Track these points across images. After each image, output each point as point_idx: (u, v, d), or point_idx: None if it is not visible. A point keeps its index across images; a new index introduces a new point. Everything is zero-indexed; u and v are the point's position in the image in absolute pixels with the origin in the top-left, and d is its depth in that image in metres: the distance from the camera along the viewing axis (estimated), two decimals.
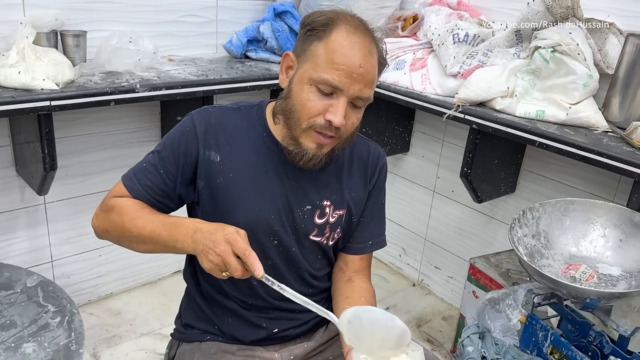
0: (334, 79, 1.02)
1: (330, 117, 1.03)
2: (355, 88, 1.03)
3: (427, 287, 2.63)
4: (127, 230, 1.07)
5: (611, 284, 1.40)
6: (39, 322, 1.45)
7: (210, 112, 1.15)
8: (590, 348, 1.40)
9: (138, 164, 1.16)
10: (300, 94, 1.05)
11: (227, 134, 1.14)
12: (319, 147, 1.08)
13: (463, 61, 1.88)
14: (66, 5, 1.86)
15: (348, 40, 1.03)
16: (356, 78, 1.03)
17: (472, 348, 1.46)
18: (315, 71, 1.03)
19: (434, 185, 2.47)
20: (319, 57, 1.04)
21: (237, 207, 1.12)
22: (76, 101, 1.59)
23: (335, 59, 1.02)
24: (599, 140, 1.56)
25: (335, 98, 1.04)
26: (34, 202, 2.02)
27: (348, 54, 1.02)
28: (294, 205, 1.16)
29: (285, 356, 1.23)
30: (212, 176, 1.12)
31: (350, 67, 1.02)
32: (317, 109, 1.04)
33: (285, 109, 1.08)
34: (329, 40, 1.03)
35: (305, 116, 1.05)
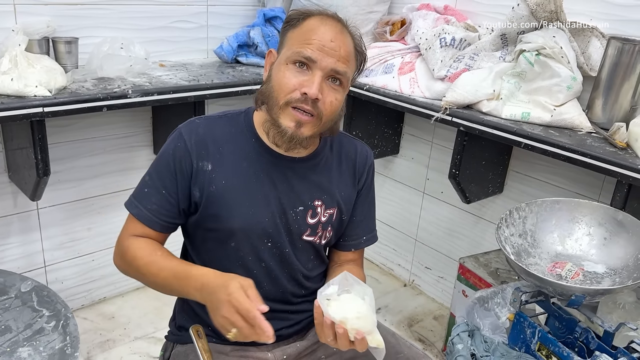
0: (307, 51, 1.07)
1: (305, 89, 1.07)
2: (328, 61, 1.08)
3: (418, 287, 2.66)
4: (144, 276, 1.13)
5: (596, 281, 1.44)
6: (34, 326, 1.47)
7: (198, 124, 1.17)
8: (577, 344, 1.43)
9: (138, 189, 1.17)
10: (277, 75, 1.11)
11: (216, 143, 1.16)
12: (297, 126, 1.10)
13: (450, 65, 1.91)
14: (58, 12, 1.88)
15: (320, 22, 1.11)
16: (328, 52, 1.08)
17: (462, 346, 1.49)
18: (289, 50, 1.10)
19: (423, 187, 2.51)
20: (293, 39, 1.11)
21: (231, 214, 1.14)
22: (69, 107, 1.60)
23: (307, 36, 1.09)
24: (582, 141, 1.60)
25: (310, 73, 1.09)
26: (27, 208, 2.03)
27: (319, 31, 1.09)
28: (286, 207, 1.19)
29: (278, 356, 1.24)
30: (205, 185, 1.14)
31: (322, 41, 1.08)
32: (293, 84, 1.08)
33: (265, 91, 1.13)
34: (302, 25, 1.11)
35: (282, 93, 1.09)
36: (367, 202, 1.33)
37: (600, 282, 1.43)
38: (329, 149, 1.26)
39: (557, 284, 1.33)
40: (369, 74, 2.13)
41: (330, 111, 1.12)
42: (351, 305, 1.00)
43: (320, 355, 1.28)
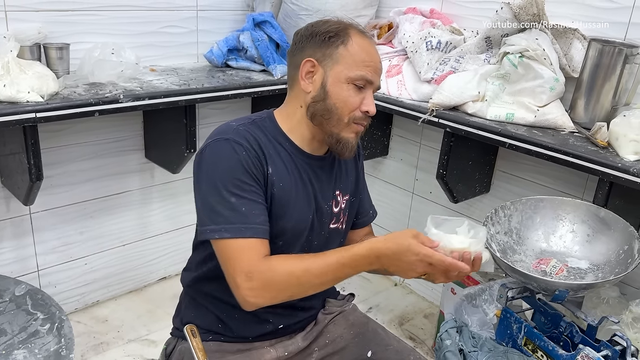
0: (368, 74, 1.17)
1: (366, 108, 1.19)
2: (378, 80, 1.21)
3: (409, 286, 2.69)
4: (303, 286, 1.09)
5: (580, 277, 1.47)
6: (29, 329, 1.48)
7: (243, 130, 1.16)
8: (562, 338, 1.47)
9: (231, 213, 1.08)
10: (340, 93, 1.17)
11: (265, 147, 1.17)
12: (356, 136, 1.22)
13: (436, 67, 1.95)
14: (49, 19, 1.90)
15: (366, 41, 1.21)
16: (378, 72, 1.21)
17: (450, 342, 1.53)
18: (351, 71, 1.17)
19: (412, 187, 2.54)
20: (351, 57, 1.17)
21: (286, 215, 1.19)
22: (61, 112, 1.62)
23: (365, 58, 1.18)
24: (565, 141, 1.64)
25: (366, 91, 1.19)
26: (20, 213, 2.05)
27: (372, 53, 1.20)
28: (321, 202, 1.26)
29: (280, 352, 1.28)
30: (269, 187, 1.16)
31: (375, 63, 1.20)
32: (357, 103, 1.18)
33: (325, 109, 1.18)
34: (354, 42, 1.18)
35: (347, 111, 1.18)
36: (364, 180, 1.45)
37: (583, 278, 1.47)
38: None
39: (541, 280, 1.37)
40: None
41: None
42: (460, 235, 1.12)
43: (314, 348, 1.33)
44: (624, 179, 1.48)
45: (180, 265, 1.22)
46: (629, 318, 1.62)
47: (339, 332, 1.36)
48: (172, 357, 1.29)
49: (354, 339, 1.35)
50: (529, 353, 1.49)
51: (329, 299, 1.41)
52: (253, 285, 1.05)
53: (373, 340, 1.35)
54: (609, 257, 1.46)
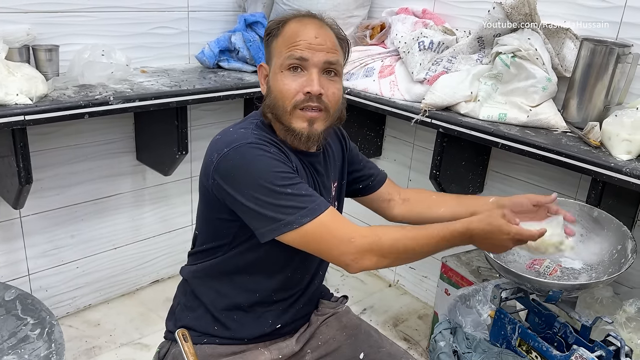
0: (296, 52, 1.13)
1: (307, 88, 1.12)
2: (319, 55, 1.13)
3: (403, 287, 2.69)
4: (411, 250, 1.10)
5: (573, 277, 1.47)
6: (19, 334, 1.47)
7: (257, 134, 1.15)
8: (556, 339, 1.47)
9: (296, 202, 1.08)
10: (276, 84, 1.15)
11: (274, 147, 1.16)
12: (310, 124, 1.15)
13: (429, 68, 1.95)
14: (37, 20, 1.88)
15: (299, 23, 1.17)
16: (316, 47, 1.13)
17: (444, 343, 1.52)
18: (280, 58, 1.15)
19: (406, 188, 2.53)
20: (279, 47, 1.16)
21: None
22: (50, 115, 1.61)
23: (291, 40, 1.14)
24: (558, 141, 1.64)
25: (306, 72, 1.14)
26: (10, 216, 2.02)
27: (302, 31, 1.14)
28: (325, 196, 1.27)
29: (275, 354, 1.27)
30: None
31: (307, 40, 1.13)
32: (294, 87, 1.13)
33: (270, 104, 1.17)
34: (283, 31, 1.16)
35: (287, 99, 1.13)
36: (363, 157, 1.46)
37: (577, 278, 1.47)
38: None
39: (534, 280, 1.36)
40: (349, 77, 2.16)
41: (334, 102, 1.18)
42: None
43: (306, 350, 1.32)
44: (616, 178, 1.47)
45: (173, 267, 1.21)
46: (622, 318, 1.62)
47: (331, 333, 1.36)
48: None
49: (346, 341, 1.35)
50: (523, 354, 1.48)
51: (322, 300, 1.40)
52: (359, 249, 1.06)
53: (366, 342, 1.34)
54: (602, 257, 1.46)
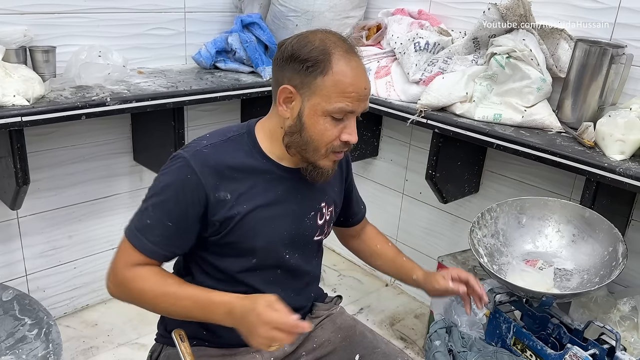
0: (348, 106, 1.10)
1: (346, 138, 1.13)
2: (362, 106, 1.14)
3: (400, 287, 2.70)
4: (153, 306, 1.11)
5: (566, 279, 1.48)
6: (16, 335, 1.48)
7: (207, 153, 1.14)
8: (550, 340, 1.48)
9: (139, 219, 1.13)
10: (316, 126, 1.12)
11: (230, 170, 1.15)
12: (334, 164, 1.19)
13: (424, 68, 1.96)
14: (34, 22, 1.88)
15: (349, 67, 1.10)
16: (362, 98, 1.13)
17: (440, 342, 1.53)
18: (329, 103, 1.10)
19: (402, 188, 2.55)
20: (328, 89, 1.10)
21: (255, 235, 1.17)
22: (47, 116, 1.61)
23: (345, 88, 1.10)
24: (552, 141, 1.65)
25: (347, 119, 1.13)
26: (7, 217, 2.03)
27: (355, 81, 1.11)
28: (301, 215, 1.24)
29: (266, 357, 1.27)
30: (226, 213, 1.14)
31: (359, 92, 1.11)
32: (334, 135, 1.13)
33: (301, 142, 1.14)
34: (334, 72, 1.09)
35: (324, 143, 1.13)
36: (353, 183, 1.47)
37: (569, 279, 1.48)
38: None
39: (527, 290, 1.37)
40: None
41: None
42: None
43: (301, 352, 1.32)
44: (610, 178, 1.48)
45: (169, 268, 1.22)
46: (616, 317, 1.63)
47: (326, 336, 1.35)
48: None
49: (341, 343, 1.34)
50: (518, 353, 1.49)
51: (316, 303, 1.40)
52: (113, 283, 1.14)
53: (360, 343, 1.34)
54: (594, 259, 1.48)
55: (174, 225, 1.12)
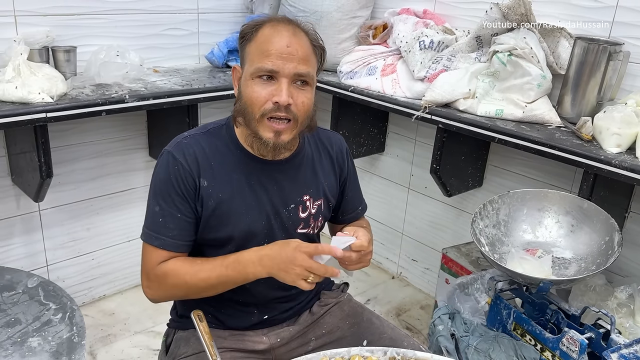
0: (267, 64, 1.13)
1: (275, 98, 1.14)
2: (289, 67, 1.14)
3: (406, 279, 2.77)
4: (194, 286, 1.19)
5: (564, 267, 1.55)
6: (42, 318, 1.55)
7: (186, 143, 1.22)
8: (549, 325, 1.55)
9: (151, 221, 1.21)
10: (246, 91, 1.17)
11: (207, 159, 1.22)
12: (277, 135, 1.18)
13: (429, 66, 2.02)
14: (56, 23, 1.97)
15: (273, 29, 1.16)
16: (287, 57, 1.14)
17: (443, 327, 1.60)
18: (251, 66, 1.16)
19: (408, 183, 2.62)
20: (252, 53, 1.17)
21: (230, 223, 1.23)
22: (70, 112, 1.70)
23: (264, 47, 1.15)
24: (552, 135, 1.71)
25: (276, 82, 1.15)
26: (29, 210, 2.12)
27: (274, 40, 1.15)
28: (279, 207, 1.27)
29: (272, 339, 1.33)
30: (205, 200, 1.21)
31: (279, 49, 1.14)
32: (263, 96, 1.15)
33: (240, 109, 1.20)
34: (257, 37, 1.17)
35: (256, 106, 1.15)
36: (354, 181, 1.46)
37: (567, 268, 1.54)
38: (308, 144, 1.35)
39: (525, 276, 1.43)
40: (353, 76, 2.24)
41: (303, 111, 1.19)
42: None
43: (310, 337, 1.38)
44: (607, 170, 1.54)
45: None
46: (614, 304, 1.69)
47: (334, 322, 1.40)
48: (170, 347, 1.36)
49: (349, 329, 1.39)
50: (518, 337, 1.56)
51: (324, 292, 1.45)
52: (148, 284, 1.22)
53: (368, 329, 1.38)
54: (591, 248, 1.53)
55: (182, 215, 1.20)
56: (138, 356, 2.13)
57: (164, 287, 1.21)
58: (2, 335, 1.45)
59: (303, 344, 1.37)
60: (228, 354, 1.27)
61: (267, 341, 1.33)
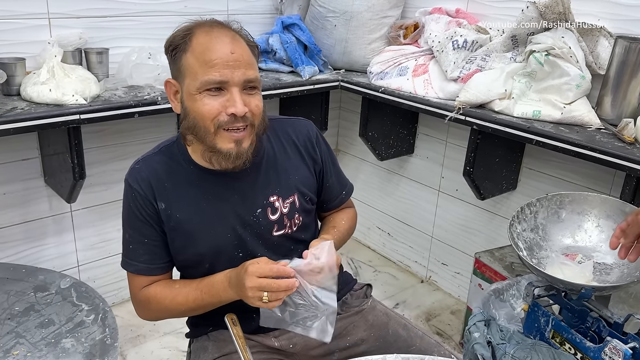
0: (215, 76, 1.07)
1: (231, 110, 1.08)
2: (238, 74, 1.08)
3: (435, 283, 2.72)
4: (174, 310, 1.22)
5: (605, 272, 1.49)
6: (75, 319, 1.56)
7: (138, 169, 1.21)
8: (589, 333, 1.50)
9: (124, 248, 1.24)
10: (194, 106, 1.10)
11: (160, 181, 1.20)
12: (237, 144, 1.12)
13: (462, 66, 1.99)
14: (88, 25, 1.99)
15: (209, 36, 1.09)
16: (234, 65, 1.08)
17: (478, 334, 1.56)
18: (195, 80, 1.08)
19: (438, 185, 2.58)
20: (192, 66, 1.09)
21: (195, 241, 1.21)
22: (103, 114, 1.71)
23: (205, 58, 1.07)
24: (592, 137, 1.66)
25: (227, 92, 1.09)
26: (61, 210, 2.15)
27: (215, 48, 1.08)
28: (244, 215, 1.22)
29: (284, 344, 1.29)
30: (165, 222, 1.20)
31: (224, 58, 1.07)
32: (216, 108, 1.08)
33: (189, 126, 1.12)
34: (192, 47, 1.09)
35: (208, 120, 1.09)
36: (333, 166, 1.37)
37: (609, 273, 1.49)
38: (266, 141, 1.27)
39: (566, 282, 1.39)
40: (383, 76, 2.21)
41: (258, 115, 1.14)
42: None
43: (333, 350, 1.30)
44: None
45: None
46: None
47: (359, 334, 1.33)
48: (192, 356, 1.35)
49: (375, 343, 1.32)
50: (556, 346, 1.51)
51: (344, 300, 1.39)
52: (137, 308, 1.30)
53: (394, 344, 1.32)
54: None
55: (149, 240, 1.20)
56: (167, 357, 2.14)
57: (150, 311, 1.26)
58: (36, 336, 1.45)
59: (326, 354, 1.31)
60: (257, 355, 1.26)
61: (279, 346, 1.29)
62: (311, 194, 1.31)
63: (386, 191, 2.82)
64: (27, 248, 2.12)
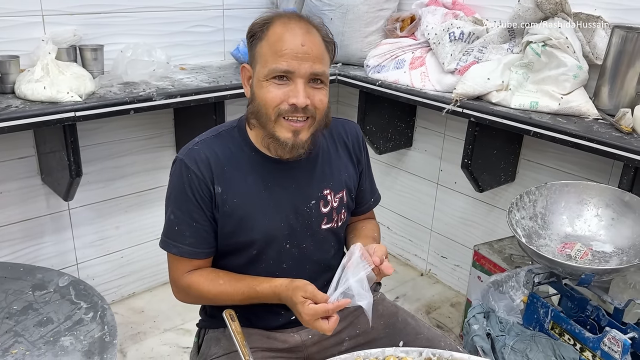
0: (282, 65, 1.10)
1: (292, 100, 1.11)
2: (305, 67, 1.11)
3: (435, 276, 2.72)
4: (216, 304, 1.26)
5: (604, 260, 1.50)
6: (73, 317, 1.56)
7: (197, 150, 1.20)
8: (589, 322, 1.50)
9: (168, 229, 1.22)
10: (260, 92, 1.14)
11: (219, 164, 1.20)
12: (295, 135, 1.15)
13: (459, 58, 1.98)
14: (83, 22, 1.98)
15: (285, 28, 1.12)
16: (302, 57, 1.10)
17: (478, 326, 1.56)
18: (265, 67, 1.12)
19: (437, 178, 2.57)
20: (264, 54, 1.12)
21: (249, 228, 1.21)
22: (99, 111, 1.70)
23: (277, 47, 1.10)
24: (589, 128, 1.65)
25: (292, 82, 1.12)
26: (59, 209, 2.14)
27: (288, 39, 1.10)
28: (299, 205, 1.24)
29: (304, 336, 1.31)
30: (220, 206, 1.20)
31: (294, 49, 1.10)
32: (279, 97, 1.12)
33: (254, 111, 1.16)
34: (268, 35, 1.12)
35: (271, 107, 1.12)
36: (368, 170, 1.42)
37: (608, 261, 1.49)
38: (323, 137, 1.30)
39: (566, 265, 1.39)
40: (380, 69, 2.20)
41: (321, 110, 1.16)
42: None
43: (344, 337, 1.34)
44: None
45: None
46: None
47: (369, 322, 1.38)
48: (201, 347, 1.35)
49: (384, 330, 1.36)
50: (556, 337, 1.51)
51: None
52: (176, 292, 1.28)
53: (403, 330, 1.35)
54: (633, 241, 1.48)
55: (197, 223, 1.19)
56: (168, 354, 2.14)
57: (190, 297, 1.26)
58: (35, 335, 1.45)
59: (336, 344, 1.34)
60: (259, 353, 1.26)
61: (299, 338, 1.31)
62: (355, 190, 1.36)
63: (385, 185, 2.82)
64: (25, 247, 2.11)
